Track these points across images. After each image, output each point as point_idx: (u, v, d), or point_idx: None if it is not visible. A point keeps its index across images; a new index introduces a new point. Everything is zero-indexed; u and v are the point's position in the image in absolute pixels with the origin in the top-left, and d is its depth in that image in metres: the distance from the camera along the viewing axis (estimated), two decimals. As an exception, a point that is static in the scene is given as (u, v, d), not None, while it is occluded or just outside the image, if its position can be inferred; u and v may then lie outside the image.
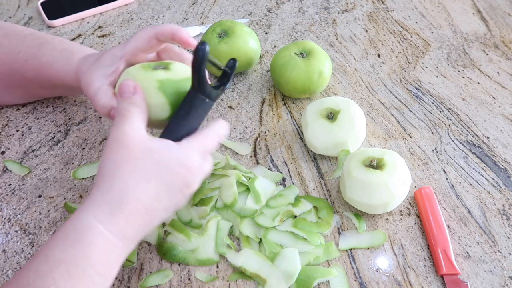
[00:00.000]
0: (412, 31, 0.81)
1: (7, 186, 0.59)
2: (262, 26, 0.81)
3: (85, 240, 0.38)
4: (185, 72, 0.49)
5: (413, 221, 0.57)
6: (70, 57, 0.55)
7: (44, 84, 0.60)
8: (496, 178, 0.61)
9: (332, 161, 0.62)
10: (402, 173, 0.53)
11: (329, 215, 0.56)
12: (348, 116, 0.58)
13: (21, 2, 0.84)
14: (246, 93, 0.71)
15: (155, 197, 0.42)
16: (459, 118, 0.68)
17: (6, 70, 0.58)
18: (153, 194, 0.41)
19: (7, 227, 0.55)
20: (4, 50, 0.58)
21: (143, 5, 0.84)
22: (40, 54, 0.57)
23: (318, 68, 0.64)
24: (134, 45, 0.50)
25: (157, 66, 0.49)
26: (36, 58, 0.57)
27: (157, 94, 0.46)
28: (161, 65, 0.49)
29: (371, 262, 0.53)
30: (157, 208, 0.42)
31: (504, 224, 0.57)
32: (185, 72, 0.49)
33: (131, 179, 0.41)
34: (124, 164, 0.41)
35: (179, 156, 0.43)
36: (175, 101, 0.46)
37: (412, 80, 0.73)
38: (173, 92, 0.46)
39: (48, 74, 0.57)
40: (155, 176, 0.41)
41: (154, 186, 0.41)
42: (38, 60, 0.57)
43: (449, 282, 0.51)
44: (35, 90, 0.63)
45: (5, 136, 0.64)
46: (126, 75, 0.49)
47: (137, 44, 0.50)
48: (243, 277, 0.51)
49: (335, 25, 0.82)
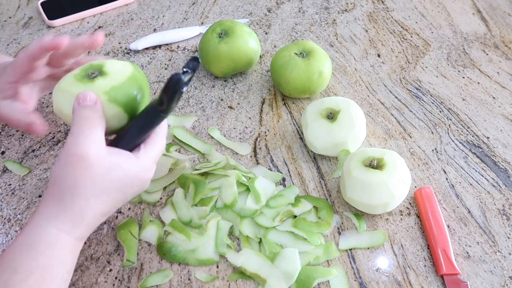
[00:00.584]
0: (412, 31, 0.81)
1: (7, 186, 0.59)
2: (262, 26, 0.81)
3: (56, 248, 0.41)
4: (123, 71, 0.47)
5: (413, 221, 0.57)
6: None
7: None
8: (496, 178, 0.61)
9: (332, 161, 0.62)
10: (402, 173, 0.53)
11: (329, 215, 0.56)
12: (348, 116, 0.58)
13: (21, 2, 0.84)
14: (246, 93, 0.71)
15: (113, 204, 0.44)
16: (459, 118, 0.68)
17: None
18: (111, 203, 0.44)
19: (7, 227, 0.55)
20: None
21: (143, 5, 0.84)
22: None
23: (318, 68, 0.64)
24: (19, 70, 0.51)
25: (90, 74, 0.46)
26: None
27: (110, 105, 0.45)
28: (93, 71, 0.46)
29: (371, 262, 0.53)
30: (114, 210, 0.45)
31: (504, 224, 0.57)
32: (122, 71, 0.47)
33: (93, 197, 0.42)
34: (85, 182, 0.41)
35: (138, 170, 0.44)
36: (128, 106, 0.46)
37: (412, 80, 0.73)
38: (124, 98, 0.45)
39: None
40: (115, 190, 0.43)
41: (113, 197, 0.44)
42: None
43: (449, 282, 0.51)
44: None
45: (5, 136, 0.64)
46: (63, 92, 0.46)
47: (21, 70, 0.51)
48: (243, 277, 0.51)
49: (335, 25, 0.82)
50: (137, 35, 0.78)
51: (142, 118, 0.45)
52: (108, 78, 0.45)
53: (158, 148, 0.47)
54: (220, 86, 0.71)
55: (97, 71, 0.46)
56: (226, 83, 0.72)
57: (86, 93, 0.44)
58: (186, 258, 0.52)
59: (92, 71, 0.46)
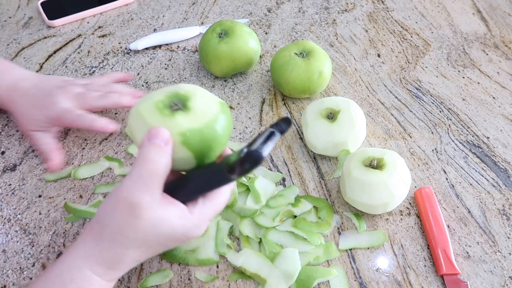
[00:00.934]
0: (412, 31, 0.81)
1: (7, 186, 0.59)
2: (262, 26, 0.81)
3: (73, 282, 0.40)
4: (207, 111, 0.42)
5: (413, 221, 0.57)
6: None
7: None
8: (496, 178, 0.61)
9: (332, 161, 0.62)
10: (402, 173, 0.53)
11: (329, 215, 0.56)
12: (348, 116, 0.58)
13: (21, 2, 0.84)
14: (246, 93, 0.71)
15: (152, 254, 0.43)
16: (459, 118, 0.68)
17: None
18: (150, 253, 0.42)
19: (7, 227, 0.55)
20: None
21: (143, 5, 0.84)
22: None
23: (318, 68, 0.64)
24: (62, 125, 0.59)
25: (173, 105, 0.42)
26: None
27: (181, 148, 0.41)
28: (178, 102, 0.42)
29: (371, 262, 0.53)
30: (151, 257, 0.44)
31: (504, 224, 0.57)
32: (206, 111, 0.42)
33: (133, 248, 0.40)
34: (128, 231, 0.39)
35: (188, 227, 0.41)
36: (200, 153, 0.42)
37: (412, 80, 0.73)
38: (198, 144, 0.41)
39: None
40: (157, 244, 0.41)
41: (153, 249, 0.42)
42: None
43: (449, 282, 0.51)
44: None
45: (5, 136, 0.64)
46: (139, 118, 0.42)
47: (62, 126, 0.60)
48: (243, 277, 0.51)
49: (335, 25, 0.82)
50: (137, 35, 0.78)
51: (208, 175, 0.41)
52: (189, 116, 0.41)
53: (217, 206, 0.43)
54: (220, 86, 0.71)
55: (181, 103, 0.42)
56: (226, 83, 0.72)
57: (159, 130, 0.40)
58: (186, 258, 0.52)
59: (177, 101, 0.42)
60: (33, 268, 0.52)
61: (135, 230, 0.39)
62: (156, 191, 0.40)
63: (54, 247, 0.53)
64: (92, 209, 0.56)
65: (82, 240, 0.41)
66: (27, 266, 0.52)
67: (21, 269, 0.52)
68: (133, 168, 0.40)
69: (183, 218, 0.41)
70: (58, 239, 0.54)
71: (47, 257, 0.53)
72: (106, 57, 0.75)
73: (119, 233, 0.40)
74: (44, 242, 0.54)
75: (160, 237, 0.40)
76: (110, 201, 0.40)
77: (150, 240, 0.40)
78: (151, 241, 0.40)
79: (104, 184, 0.59)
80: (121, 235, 0.40)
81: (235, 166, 0.38)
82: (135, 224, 0.39)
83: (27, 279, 0.51)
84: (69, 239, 0.54)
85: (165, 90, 0.44)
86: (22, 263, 0.52)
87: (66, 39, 0.77)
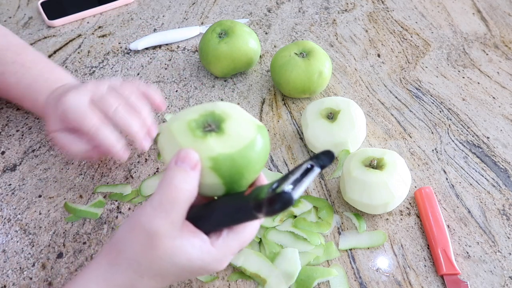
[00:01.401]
0: (412, 31, 0.81)
1: (7, 186, 0.59)
2: (262, 26, 0.81)
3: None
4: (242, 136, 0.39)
5: (413, 221, 0.57)
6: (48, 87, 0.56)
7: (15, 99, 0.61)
8: (496, 178, 0.61)
9: (332, 161, 0.62)
10: (402, 173, 0.53)
11: (329, 215, 0.56)
12: (348, 116, 0.58)
13: (21, 2, 0.84)
14: (246, 93, 0.71)
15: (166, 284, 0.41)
16: (459, 118, 0.68)
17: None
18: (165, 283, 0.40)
19: (7, 227, 0.55)
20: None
21: (143, 5, 0.84)
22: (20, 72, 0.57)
23: (318, 68, 0.64)
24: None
25: (207, 125, 0.40)
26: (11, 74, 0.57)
27: (210, 173, 0.39)
28: (212, 123, 0.40)
29: (371, 262, 0.53)
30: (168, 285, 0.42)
31: (504, 224, 0.57)
32: (242, 135, 0.39)
33: (147, 276, 0.39)
34: (143, 259, 0.38)
35: (207, 261, 0.39)
36: (230, 178, 0.39)
37: (412, 80, 0.73)
38: (229, 170, 0.39)
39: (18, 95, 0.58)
40: (173, 275, 0.39)
41: (169, 280, 0.40)
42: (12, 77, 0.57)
43: (449, 282, 0.51)
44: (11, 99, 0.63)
45: (5, 136, 0.64)
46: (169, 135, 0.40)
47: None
48: (243, 277, 0.51)
49: (335, 25, 0.82)
50: (137, 35, 0.78)
51: (234, 207, 0.39)
52: (222, 140, 0.39)
53: (243, 241, 0.40)
54: (220, 86, 0.71)
55: (216, 124, 0.40)
56: (226, 83, 0.72)
57: (188, 153, 0.38)
58: None
59: (211, 121, 0.40)
60: (33, 268, 0.52)
61: (150, 259, 0.37)
62: (176, 220, 0.37)
63: (54, 247, 0.53)
64: (92, 209, 0.56)
65: (96, 263, 0.40)
66: (27, 266, 0.52)
67: (21, 269, 0.52)
68: (156, 193, 0.37)
69: (203, 251, 0.38)
70: (58, 239, 0.54)
71: (47, 257, 0.53)
72: (106, 57, 0.75)
73: (134, 260, 0.38)
74: (44, 242, 0.54)
75: (177, 268, 0.38)
76: (128, 226, 0.38)
77: (166, 271, 0.38)
78: (167, 271, 0.38)
79: (104, 185, 0.59)
80: (136, 262, 0.38)
81: (262, 204, 0.34)
82: (151, 254, 0.37)
83: (27, 279, 0.51)
84: (69, 239, 0.54)
85: (200, 108, 0.41)
86: (22, 263, 0.52)
87: (66, 39, 0.77)
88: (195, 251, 0.38)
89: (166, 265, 0.38)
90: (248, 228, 0.40)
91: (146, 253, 0.37)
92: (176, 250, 0.37)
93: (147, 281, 0.39)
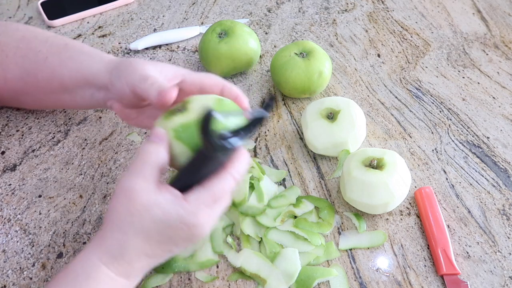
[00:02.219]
0: (412, 31, 0.81)
1: (7, 186, 0.59)
2: (262, 26, 0.81)
3: (92, 277, 0.41)
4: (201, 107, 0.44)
5: (413, 221, 0.57)
6: (102, 55, 0.54)
7: (54, 87, 0.57)
8: (496, 178, 0.61)
9: (332, 161, 0.62)
10: (402, 173, 0.53)
11: (330, 216, 0.56)
12: (348, 116, 0.58)
13: (21, 2, 0.84)
14: (246, 93, 0.70)
15: (158, 247, 0.42)
16: (459, 118, 0.68)
17: (19, 73, 0.57)
18: (155, 245, 0.42)
19: (7, 227, 0.55)
20: (21, 52, 0.56)
21: (143, 5, 0.84)
22: (64, 51, 0.55)
23: (318, 68, 0.64)
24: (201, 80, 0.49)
25: (178, 110, 0.45)
26: (58, 54, 0.55)
27: (176, 143, 0.44)
28: (181, 107, 0.46)
29: (371, 262, 0.53)
30: (161, 253, 0.43)
31: (504, 224, 0.57)
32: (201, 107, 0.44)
33: (132, 234, 0.41)
34: (125, 216, 0.41)
35: (181, 213, 0.41)
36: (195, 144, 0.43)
37: (412, 80, 0.73)
38: (189, 137, 0.43)
39: (66, 70, 0.54)
40: (156, 231, 0.41)
41: (155, 239, 0.42)
42: (60, 56, 0.55)
43: (449, 282, 0.51)
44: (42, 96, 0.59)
45: (5, 136, 0.64)
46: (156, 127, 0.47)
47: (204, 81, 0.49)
48: (243, 277, 0.51)
49: (335, 25, 0.82)
50: (137, 35, 0.78)
51: (192, 159, 0.43)
52: (184, 115, 0.44)
53: (214, 192, 0.42)
54: (220, 86, 0.71)
55: (183, 107, 0.45)
56: (226, 83, 0.72)
57: (156, 129, 0.44)
58: (186, 265, 0.52)
59: (180, 107, 0.45)
60: (33, 268, 0.52)
61: (130, 213, 0.40)
62: (149, 178, 0.41)
63: (54, 247, 0.53)
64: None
65: (95, 235, 0.43)
66: (27, 266, 0.52)
67: (21, 269, 0.52)
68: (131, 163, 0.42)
69: (176, 204, 0.41)
70: (58, 239, 0.54)
71: (47, 257, 0.53)
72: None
73: (119, 219, 0.41)
74: (44, 242, 0.54)
75: (156, 224, 0.41)
76: (113, 198, 0.42)
77: (146, 226, 0.41)
78: (147, 226, 0.41)
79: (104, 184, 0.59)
80: (118, 220, 0.41)
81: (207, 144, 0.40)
82: (129, 207, 0.40)
83: (27, 279, 0.51)
84: (69, 239, 0.54)
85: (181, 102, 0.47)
86: (22, 263, 0.52)
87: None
88: (169, 203, 0.41)
89: (144, 219, 0.41)
90: (217, 180, 0.43)
91: (126, 209, 0.41)
92: (152, 203, 0.40)
93: (135, 241, 0.41)
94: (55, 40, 0.57)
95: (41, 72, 0.56)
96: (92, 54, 0.55)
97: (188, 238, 0.43)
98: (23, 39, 0.58)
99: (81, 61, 0.54)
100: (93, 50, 0.56)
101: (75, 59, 0.55)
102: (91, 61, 0.54)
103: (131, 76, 0.48)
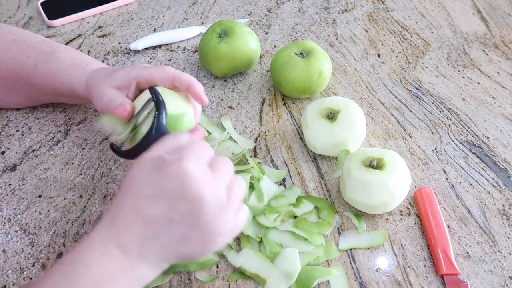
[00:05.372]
0: (412, 31, 0.81)
1: (7, 186, 0.59)
2: (262, 26, 0.81)
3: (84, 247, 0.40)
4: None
5: (413, 221, 0.57)
6: (85, 67, 0.56)
7: (48, 91, 0.60)
8: (496, 178, 0.61)
9: (332, 161, 0.62)
10: (402, 173, 0.53)
11: (330, 216, 0.56)
12: (348, 116, 0.58)
13: (21, 2, 0.84)
14: (246, 93, 0.70)
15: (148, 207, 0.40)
16: (459, 118, 0.68)
17: (9, 75, 0.59)
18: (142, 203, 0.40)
19: (7, 227, 0.55)
20: (11, 54, 0.59)
21: (143, 5, 0.84)
22: (51, 61, 0.57)
23: (318, 68, 0.64)
24: (151, 76, 0.51)
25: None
26: (47, 64, 0.57)
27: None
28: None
29: (371, 262, 0.53)
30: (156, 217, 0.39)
31: (504, 224, 0.57)
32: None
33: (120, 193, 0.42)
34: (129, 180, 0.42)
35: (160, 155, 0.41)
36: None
37: (412, 80, 0.73)
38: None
39: (56, 81, 0.57)
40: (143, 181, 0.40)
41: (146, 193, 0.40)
42: (48, 66, 0.57)
43: (449, 282, 0.51)
44: (37, 96, 0.63)
45: (5, 136, 0.64)
46: None
47: (154, 76, 0.51)
48: (243, 277, 0.51)
49: (335, 25, 0.82)
50: (137, 35, 0.78)
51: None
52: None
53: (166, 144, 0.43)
54: (220, 86, 0.71)
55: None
56: (226, 83, 0.72)
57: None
58: (186, 265, 0.52)
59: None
60: (33, 268, 0.52)
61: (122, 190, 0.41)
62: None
63: (54, 247, 0.53)
64: None
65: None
66: (27, 266, 0.52)
67: (21, 269, 0.52)
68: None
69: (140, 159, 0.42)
70: (58, 239, 0.54)
71: (47, 257, 0.53)
72: (106, 57, 0.75)
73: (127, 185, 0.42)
74: (44, 242, 0.54)
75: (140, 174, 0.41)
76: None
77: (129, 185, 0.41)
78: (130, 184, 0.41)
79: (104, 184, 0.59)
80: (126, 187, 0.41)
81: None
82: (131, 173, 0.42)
83: (27, 279, 0.51)
84: (69, 239, 0.54)
85: None
86: (22, 263, 0.52)
87: (66, 39, 0.77)
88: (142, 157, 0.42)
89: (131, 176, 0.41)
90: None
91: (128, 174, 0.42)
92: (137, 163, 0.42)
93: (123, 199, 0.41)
94: (42, 47, 0.59)
95: (33, 78, 0.59)
96: (76, 66, 0.57)
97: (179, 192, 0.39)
98: (14, 42, 0.60)
99: (68, 75, 0.57)
100: (77, 61, 0.58)
101: (62, 72, 0.57)
102: (75, 76, 0.56)
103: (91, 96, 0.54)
